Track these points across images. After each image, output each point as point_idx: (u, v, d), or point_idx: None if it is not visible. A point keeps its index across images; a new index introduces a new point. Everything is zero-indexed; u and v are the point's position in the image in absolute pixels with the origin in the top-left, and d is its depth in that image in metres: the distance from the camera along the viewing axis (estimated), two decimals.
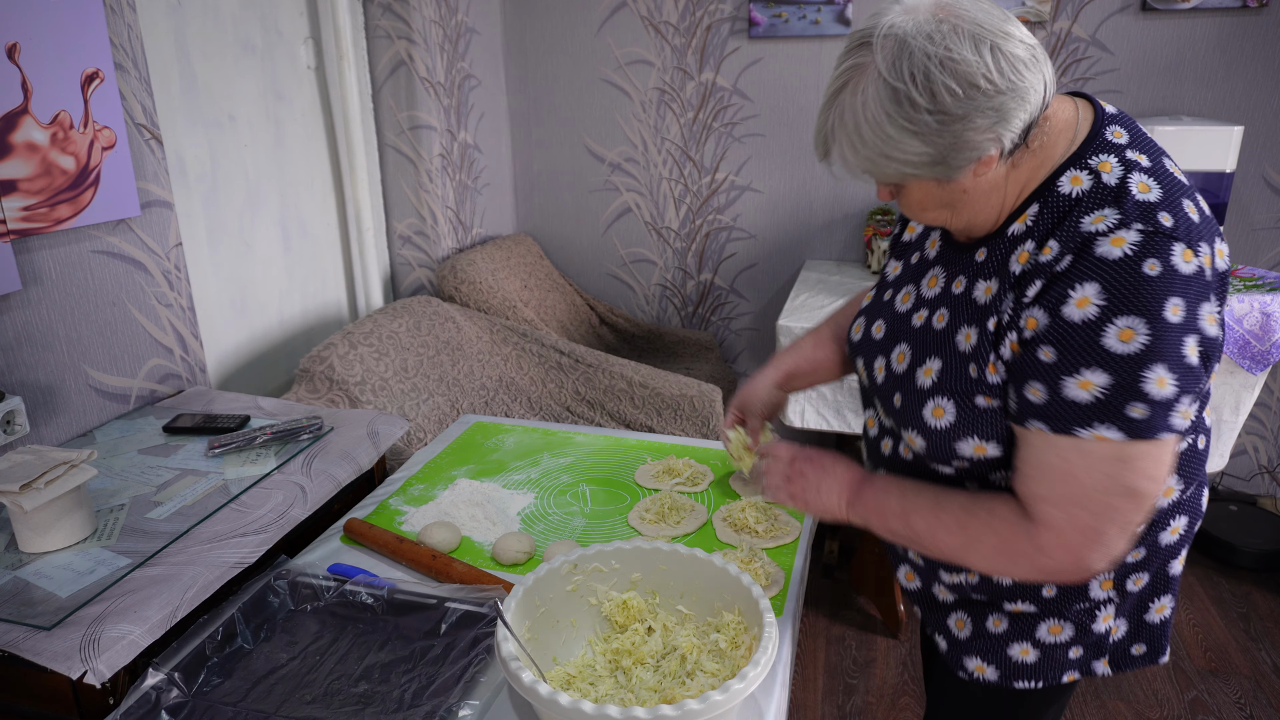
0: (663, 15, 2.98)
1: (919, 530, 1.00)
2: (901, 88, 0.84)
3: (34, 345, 1.53)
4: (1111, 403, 0.84)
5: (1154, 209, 0.85)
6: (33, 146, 1.47)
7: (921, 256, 1.11)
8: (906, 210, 0.99)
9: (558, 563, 1.08)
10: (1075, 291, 0.85)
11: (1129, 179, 0.88)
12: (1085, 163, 0.91)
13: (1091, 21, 2.67)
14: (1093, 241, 0.85)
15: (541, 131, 3.23)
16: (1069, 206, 0.89)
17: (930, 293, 1.05)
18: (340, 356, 2.10)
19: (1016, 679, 1.09)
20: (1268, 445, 2.96)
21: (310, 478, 1.44)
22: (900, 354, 1.06)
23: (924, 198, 0.95)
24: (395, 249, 2.77)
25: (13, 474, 1.18)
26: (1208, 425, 1.05)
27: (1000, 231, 0.96)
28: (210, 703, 1.02)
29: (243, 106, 2.18)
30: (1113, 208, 0.86)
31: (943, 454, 0.99)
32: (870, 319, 1.15)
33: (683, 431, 2.43)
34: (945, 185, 0.92)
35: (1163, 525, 1.03)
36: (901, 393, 1.03)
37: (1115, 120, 0.95)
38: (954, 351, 0.98)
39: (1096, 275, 0.84)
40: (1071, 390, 0.85)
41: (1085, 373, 0.84)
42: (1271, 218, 2.73)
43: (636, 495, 1.49)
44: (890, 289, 1.15)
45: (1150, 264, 0.82)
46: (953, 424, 0.96)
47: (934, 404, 0.98)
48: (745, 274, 3.22)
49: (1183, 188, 0.89)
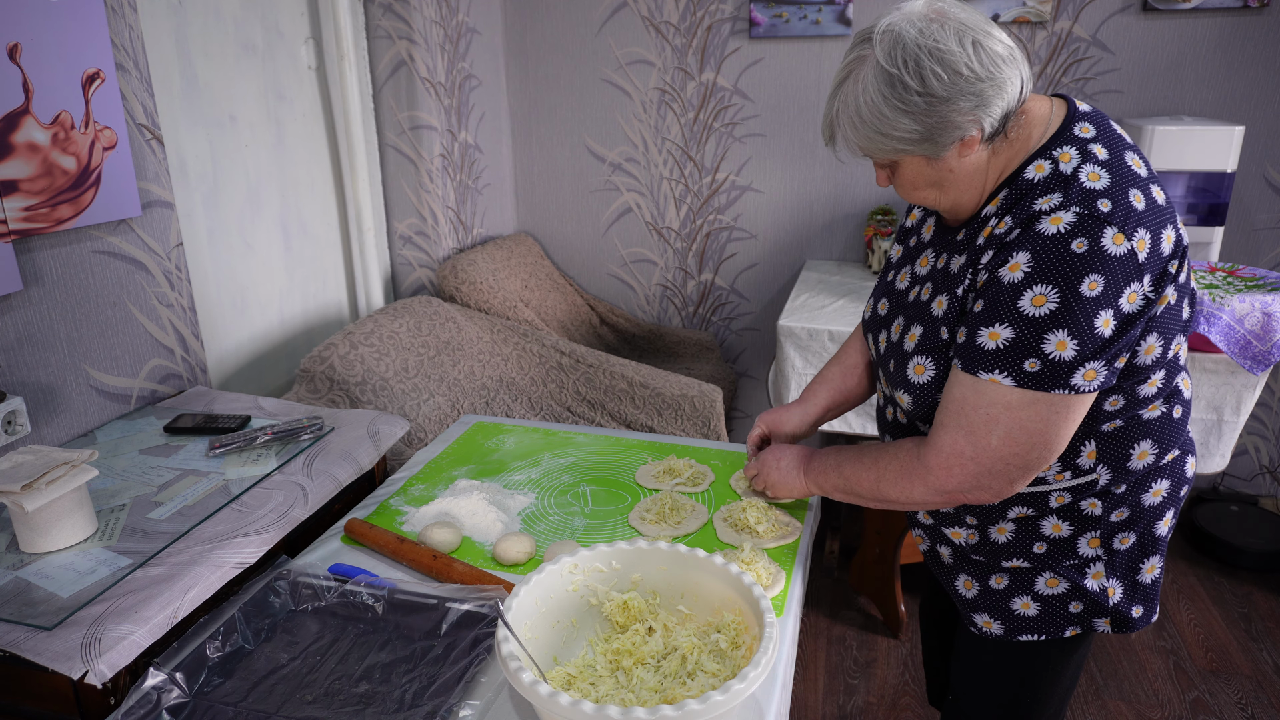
0: (663, 15, 2.98)
1: (848, 476, 1.19)
2: (896, 73, 0.98)
3: (35, 345, 1.53)
4: (1010, 353, 0.97)
5: (1096, 195, 0.96)
6: (34, 147, 1.47)
7: (919, 240, 1.25)
8: (900, 189, 1.11)
9: (559, 563, 1.08)
10: (1012, 258, 0.98)
11: (1081, 169, 0.99)
12: (1050, 153, 1.02)
13: (1092, 22, 2.67)
14: (1036, 219, 0.97)
15: (542, 131, 3.23)
16: (1027, 189, 1.02)
17: (922, 271, 1.19)
18: (341, 357, 2.11)
19: (1020, 632, 1.20)
20: (1269, 445, 2.96)
21: (311, 478, 1.44)
22: (897, 326, 1.19)
23: (915, 176, 1.07)
24: (396, 249, 2.77)
25: (14, 474, 1.18)
26: (1186, 397, 1.14)
27: (977, 214, 1.09)
28: (211, 703, 1.02)
29: (243, 106, 2.18)
30: (1060, 192, 0.98)
31: (926, 408, 1.12)
32: (877, 299, 1.30)
33: (683, 431, 2.43)
34: (934, 164, 1.05)
35: (1144, 487, 1.13)
36: (894, 358, 1.17)
37: (1086, 117, 1.05)
38: (930, 317, 1.12)
39: (1030, 246, 0.96)
40: (983, 338, 1.00)
41: (997, 325, 0.98)
42: (1272, 217, 2.72)
43: (637, 495, 1.49)
44: (893, 270, 1.29)
45: (1078, 242, 0.94)
46: (932, 378, 1.10)
47: (915, 362, 1.12)
48: (746, 274, 3.22)
49: (1134, 179, 0.99)
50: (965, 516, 1.20)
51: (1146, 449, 1.10)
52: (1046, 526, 1.14)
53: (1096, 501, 1.12)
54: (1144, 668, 2.30)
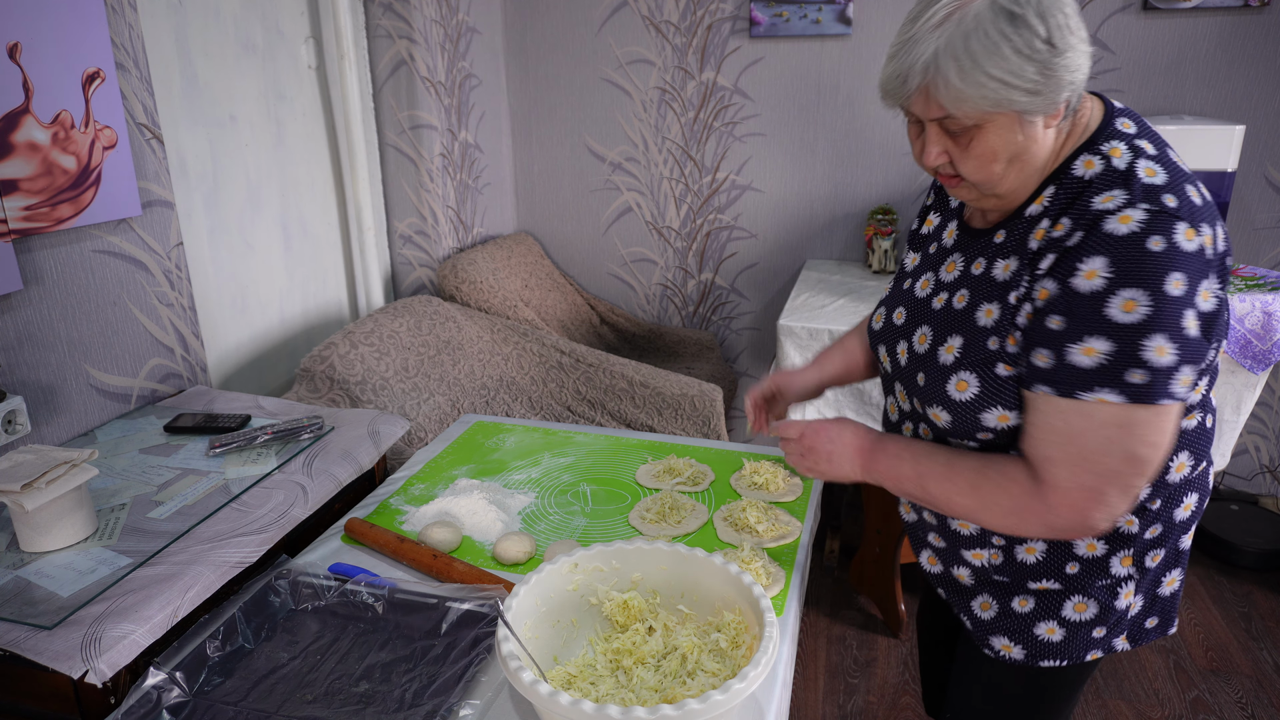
0: (663, 15, 2.97)
1: (934, 494, 1.05)
2: (1019, 12, 0.88)
3: (35, 345, 1.53)
4: (1113, 368, 0.89)
5: (1159, 191, 0.90)
6: (34, 146, 1.47)
7: (939, 246, 1.16)
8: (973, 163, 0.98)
9: (559, 562, 1.08)
10: (1084, 264, 0.90)
11: (1137, 164, 0.93)
12: (1097, 148, 0.96)
13: (1093, 21, 2.67)
14: (1102, 219, 0.90)
15: (542, 131, 3.23)
16: (1081, 188, 0.95)
17: (949, 277, 1.10)
18: (341, 356, 2.10)
19: (1043, 658, 1.13)
20: (1269, 445, 2.96)
21: (311, 477, 1.44)
22: (922, 336, 1.11)
23: (1000, 141, 0.95)
24: (396, 248, 2.77)
25: (14, 473, 1.18)
26: (1214, 405, 1.09)
27: (1018, 213, 1.02)
28: (211, 702, 1.02)
29: (244, 106, 2.18)
30: (1121, 189, 0.91)
31: (968, 426, 1.03)
32: (890, 307, 1.20)
33: (683, 431, 2.43)
34: (1027, 127, 0.95)
35: (1176, 501, 1.07)
36: (925, 372, 1.08)
37: (1124, 114, 1.01)
38: (974, 327, 1.03)
39: (1104, 250, 0.89)
40: (1076, 356, 0.91)
41: (1089, 340, 0.89)
42: (1273, 217, 2.72)
43: (637, 495, 1.49)
44: (909, 278, 1.20)
45: (1154, 240, 0.87)
46: (977, 395, 1.01)
47: (957, 378, 1.03)
48: (746, 273, 3.22)
49: (1185, 175, 0.94)
50: (992, 537, 1.12)
51: (1184, 460, 1.05)
52: (1081, 546, 1.07)
53: (1134, 518, 1.06)
54: (1144, 667, 2.30)
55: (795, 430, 1.20)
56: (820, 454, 1.16)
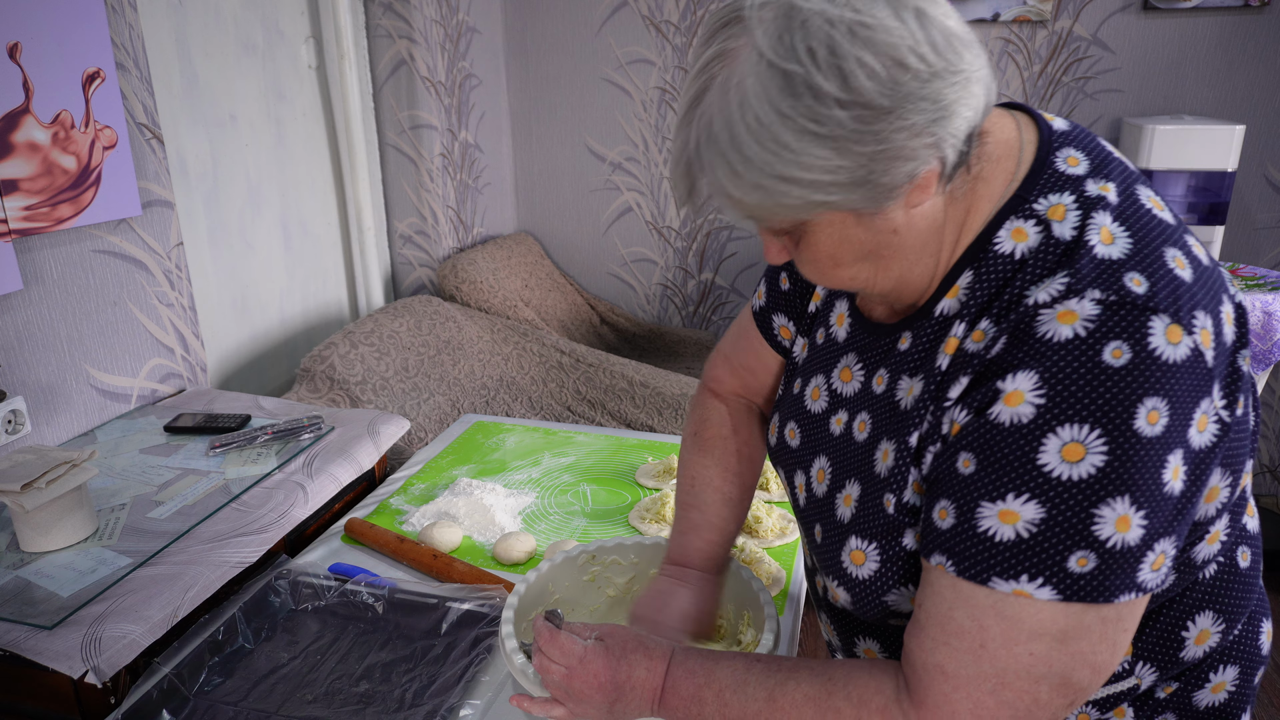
0: (663, 14, 2.97)
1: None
2: (797, 70, 0.59)
3: (35, 345, 1.53)
4: (1045, 547, 0.60)
5: (1119, 268, 0.61)
6: (34, 146, 1.47)
7: (828, 336, 0.84)
8: (810, 269, 0.71)
9: (576, 552, 1.07)
10: (1006, 384, 0.61)
11: (1088, 226, 0.63)
12: (1030, 208, 0.66)
13: (1093, 21, 2.67)
14: (1034, 317, 0.61)
15: (542, 131, 3.23)
16: (1010, 273, 0.65)
17: (846, 389, 0.80)
18: (341, 356, 2.11)
19: None
20: (1269, 444, 2.96)
21: (311, 477, 1.44)
22: (820, 471, 0.81)
23: (837, 245, 0.67)
24: (396, 248, 2.77)
25: (14, 473, 1.18)
26: (1254, 531, 0.77)
27: (927, 309, 0.72)
28: (211, 702, 1.02)
29: (244, 106, 2.18)
30: (1064, 270, 0.62)
31: (871, 610, 0.75)
32: (784, 419, 0.89)
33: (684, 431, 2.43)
34: (867, 222, 0.66)
35: (1198, 682, 0.77)
36: (822, 525, 0.79)
37: (1068, 140, 0.69)
38: (868, 472, 0.74)
39: (1035, 363, 0.60)
40: (989, 520, 0.61)
41: (1011, 499, 0.60)
42: (1273, 217, 2.72)
43: (637, 494, 1.49)
44: (799, 378, 0.88)
45: (1113, 349, 0.58)
46: (877, 571, 0.72)
47: (852, 546, 0.74)
48: (746, 273, 3.22)
49: (1165, 231, 0.65)
50: None
51: (1207, 625, 0.74)
52: None
53: (1126, 709, 0.76)
54: None
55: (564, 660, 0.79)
56: (594, 702, 0.79)
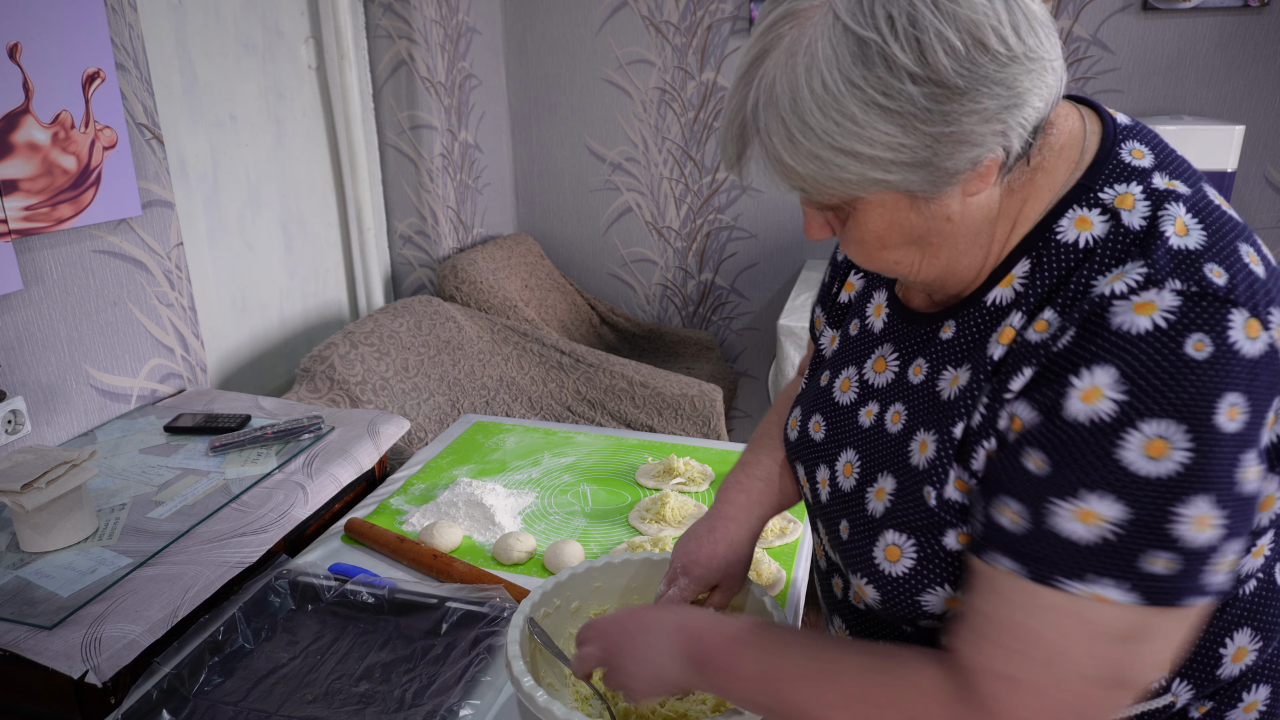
0: (663, 15, 2.97)
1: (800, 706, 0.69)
2: (873, 38, 0.55)
3: (35, 345, 1.53)
4: (1125, 547, 0.57)
5: (1198, 259, 0.58)
6: (34, 146, 1.47)
7: (863, 327, 0.83)
8: (854, 248, 0.69)
9: (582, 569, 1.04)
10: (1081, 379, 0.58)
11: (1161, 217, 0.61)
12: (1096, 197, 0.64)
13: (1092, 21, 2.67)
14: (1107, 308, 0.58)
15: (542, 131, 3.23)
16: (1074, 262, 0.63)
17: (879, 380, 0.78)
18: (341, 356, 2.11)
19: None
20: None
21: (311, 477, 1.44)
22: (847, 465, 0.78)
23: (887, 226, 0.65)
24: (396, 248, 2.77)
25: (14, 473, 1.18)
26: None
27: (975, 298, 0.69)
28: (211, 702, 1.02)
29: (244, 106, 2.18)
30: (1140, 259, 0.59)
31: (903, 609, 0.72)
32: (806, 412, 0.86)
33: (683, 431, 2.43)
34: (922, 207, 0.63)
35: (1232, 701, 0.74)
36: (849, 520, 0.76)
37: (1132, 134, 0.67)
38: (904, 464, 0.72)
39: (1113, 356, 0.57)
40: (1064, 521, 0.58)
41: (1089, 498, 0.57)
42: (1273, 217, 2.72)
43: (637, 495, 1.49)
44: (827, 370, 0.86)
45: (1195, 341, 0.55)
46: (912, 568, 0.70)
47: (887, 541, 0.71)
48: (746, 273, 3.22)
49: (1236, 226, 0.63)
50: None
51: (1245, 643, 0.71)
52: None
53: None
54: None
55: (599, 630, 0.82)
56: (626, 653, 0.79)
